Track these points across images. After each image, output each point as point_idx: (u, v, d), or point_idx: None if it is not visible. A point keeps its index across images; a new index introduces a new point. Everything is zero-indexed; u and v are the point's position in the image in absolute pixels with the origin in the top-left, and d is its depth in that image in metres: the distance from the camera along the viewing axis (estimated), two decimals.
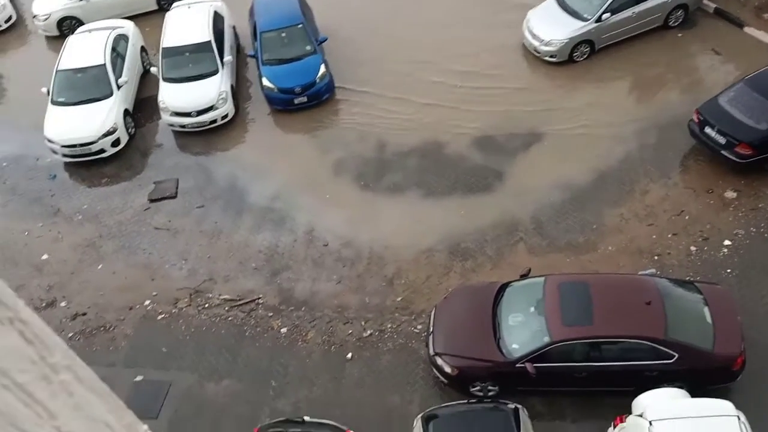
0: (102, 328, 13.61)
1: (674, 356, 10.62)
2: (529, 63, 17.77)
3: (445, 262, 13.75)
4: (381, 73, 17.68)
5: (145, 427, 1.48)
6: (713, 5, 18.19)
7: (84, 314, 13.91)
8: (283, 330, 13.14)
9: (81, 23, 20.00)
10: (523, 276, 12.22)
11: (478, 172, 15.41)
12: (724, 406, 9.66)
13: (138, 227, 15.49)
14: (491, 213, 14.47)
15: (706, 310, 11.12)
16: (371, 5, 19.81)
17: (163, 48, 17.94)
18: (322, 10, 18.98)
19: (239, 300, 13.73)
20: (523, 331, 11.26)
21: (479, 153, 15.80)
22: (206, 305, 13.73)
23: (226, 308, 13.62)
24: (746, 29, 17.59)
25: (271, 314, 13.43)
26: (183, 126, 17.32)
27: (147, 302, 13.95)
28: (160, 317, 13.65)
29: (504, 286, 12.01)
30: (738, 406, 9.59)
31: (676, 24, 17.82)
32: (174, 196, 16.07)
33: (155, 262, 14.72)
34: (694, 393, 10.36)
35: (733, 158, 13.95)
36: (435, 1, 19.68)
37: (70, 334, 13.47)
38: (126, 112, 17.52)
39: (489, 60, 17.68)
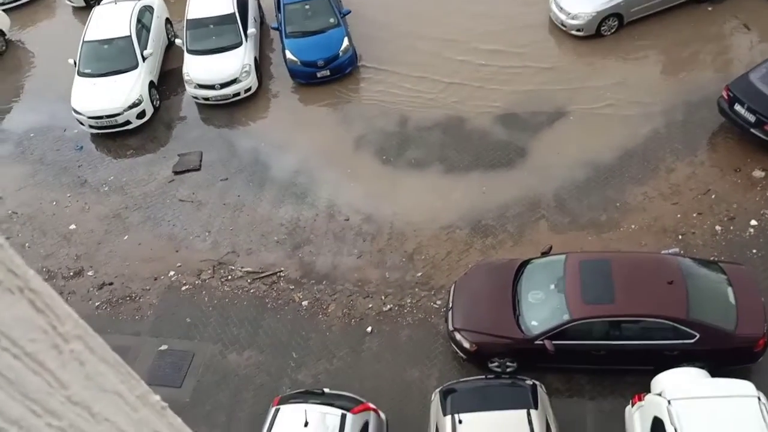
0: (128, 298, 13.86)
1: (696, 336, 10.52)
2: (555, 39, 17.48)
3: (466, 239, 13.73)
4: (405, 52, 17.51)
5: (158, 397, 1.46)
6: None
7: (110, 284, 14.17)
8: (305, 303, 13.28)
9: None
10: (544, 253, 12.15)
11: (501, 148, 15.29)
12: (745, 386, 9.59)
13: (163, 199, 15.68)
14: (513, 189, 14.38)
15: (729, 290, 10.99)
16: None
17: (187, 20, 17.97)
18: None
19: (261, 272, 13.88)
20: (542, 309, 11.23)
21: (503, 129, 15.66)
22: (229, 277, 13.91)
23: (249, 280, 13.78)
24: None
25: (292, 287, 13.56)
26: (207, 99, 17.39)
27: (171, 273, 14.16)
28: (184, 288, 13.87)
29: (524, 263, 11.96)
30: (759, 387, 9.52)
31: None
32: (198, 169, 16.21)
33: (179, 233, 14.91)
34: (715, 373, 10.29)
35: (763, 136, 13.63)
36: None
37: (97, 303, 13.75)
38: (151, 84, 17.63)
39: (515, 38, 17.43)
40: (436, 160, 15.28)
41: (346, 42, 17.24)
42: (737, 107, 13.94)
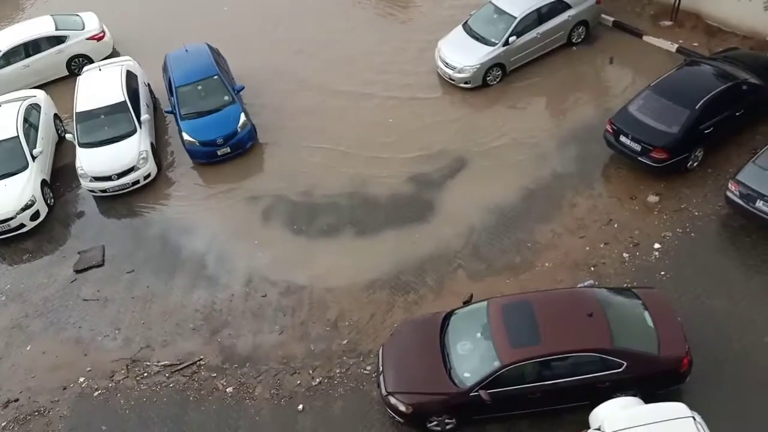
0: (36, 413, 12.78)
1: (623, 364, 10.68)
2: (448, 92, 18.02)
3: (387, 298, 13.57)
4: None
5: None
6: (611, 19, 19.04)
7: (16, 400, 13.07)
8: (229, 389, 12.62)
9: None
10: (466, 302, 12.15)
11: (410, 204, 15.38)
12: (678, 408, 9.73)
13: (65, 301, 14.76)
14: (427, 243, 14.43)
15: (646, 314, 11.27)
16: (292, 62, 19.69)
17: (76, 113, 17.48)
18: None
19: (180, 364, 13.15)
20: (473, 359, 11.14)
21: (412, 188, 15.77)
22: (145, 374, 13.09)
23: (167, 375, 13.01)
24: (645, 38, 18.45)
25: (214, 375, 12.89)
26: (104, 191, 16.76)
27: (81, 379, 13.20)
28: (96, 393, 12.91)
29: (448, 315, 11.91)
30: (691, 407, 9.68)
31: (579, 40, 18.56)
32: (101, 264, 15.42)
33: (86, 335, 14.00)
34: (648, 399, 10.42)
35: (651, 163, 14.37)
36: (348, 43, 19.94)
37: (3, 423, 12.64)
38: (44, 182, 16.91)
39: (408, 96, 17.99)
40: (347, 224, 15.18)
41: (243, 118, 17.14)
42: (623, 138, 14.68)
